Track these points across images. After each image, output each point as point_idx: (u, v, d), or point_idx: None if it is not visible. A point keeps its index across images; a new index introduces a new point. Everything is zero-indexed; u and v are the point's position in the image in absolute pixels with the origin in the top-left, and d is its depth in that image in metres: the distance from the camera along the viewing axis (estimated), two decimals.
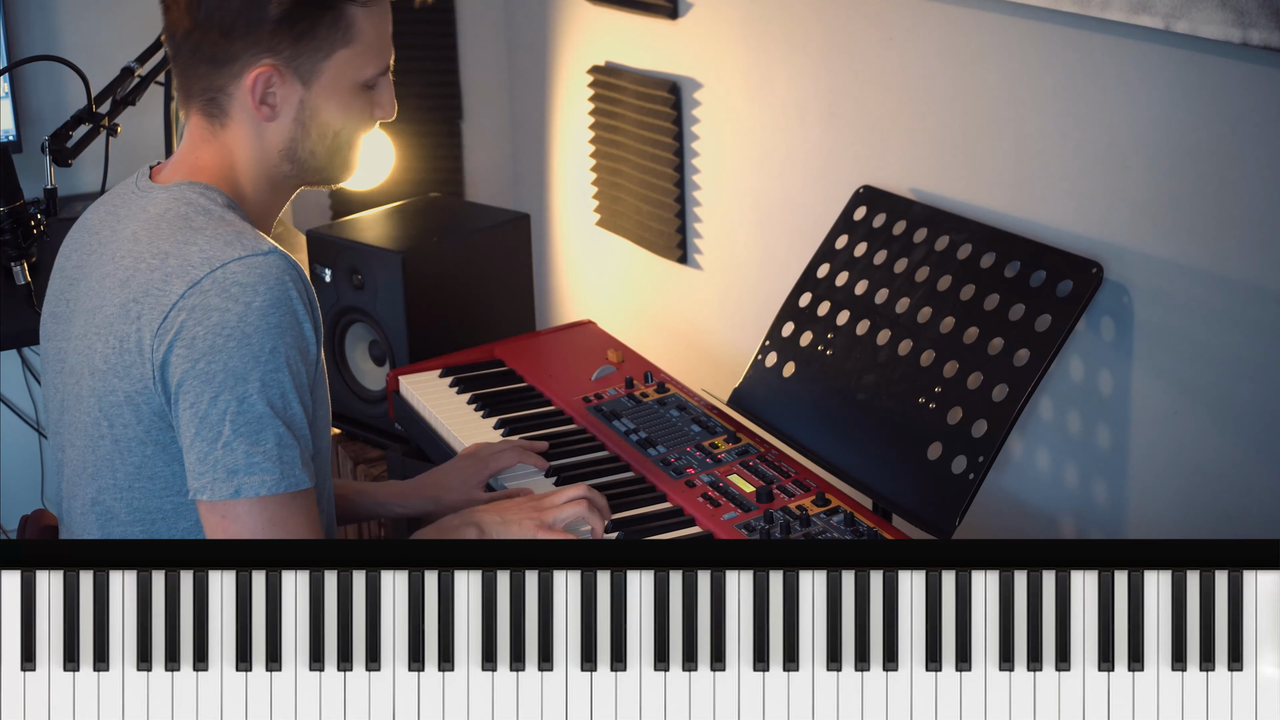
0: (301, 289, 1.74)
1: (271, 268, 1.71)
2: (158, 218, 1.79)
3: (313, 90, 1.84)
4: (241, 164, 1.86)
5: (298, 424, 1.72)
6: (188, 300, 1.69)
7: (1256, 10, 1.79)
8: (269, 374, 1.69)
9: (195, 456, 1.69)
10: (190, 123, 1.88)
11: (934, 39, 2.38)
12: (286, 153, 1.86)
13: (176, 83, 1.88)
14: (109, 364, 1.74)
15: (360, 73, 1.86)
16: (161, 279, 1.72)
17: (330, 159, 1.89)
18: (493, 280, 3.21)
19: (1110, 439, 2.16)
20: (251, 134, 1.85)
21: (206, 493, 1.69)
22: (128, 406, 1.73)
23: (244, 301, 1.69)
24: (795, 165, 2.77)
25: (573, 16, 3.43)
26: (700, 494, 2.13)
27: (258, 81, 1.81)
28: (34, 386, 3.72)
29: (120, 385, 1.73)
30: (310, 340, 1.75)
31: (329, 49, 1.83)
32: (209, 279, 1.69)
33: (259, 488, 1.68)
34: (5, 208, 3.02)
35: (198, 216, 1.77)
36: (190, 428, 1.69)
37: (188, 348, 1.68)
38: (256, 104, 1.82)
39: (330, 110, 1.86)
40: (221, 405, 1.68)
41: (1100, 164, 2.12)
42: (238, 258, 1.71)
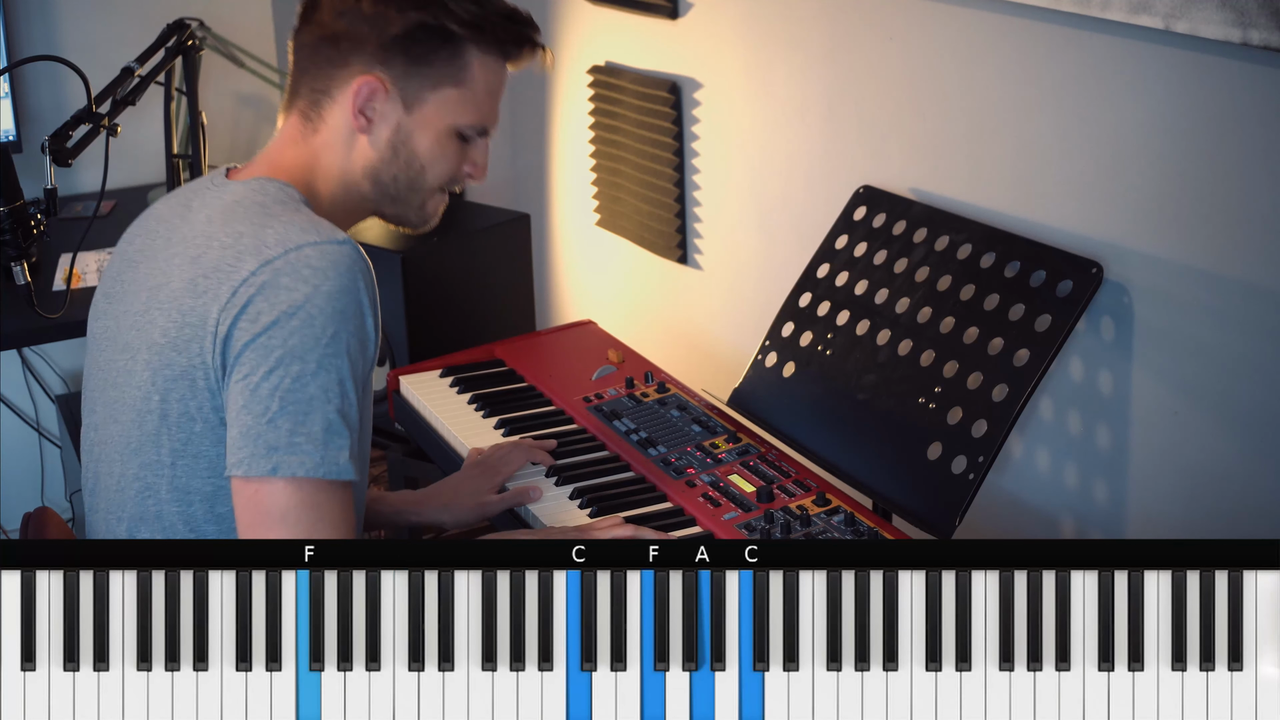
0: (369, 283, 1.75)
1: (344, 257, 1.72)
2: (234, 204, 1.80)
3: (412, 116, 1.87)
4: (323, 172, 1.88)
5: (350, 413, 1.71)
6: (258, 276, 1.70)
7: (1256, 10, 1.79)
8: (327, 358, 1.69)
9: (238, 430, 1.69)
10: (286, 125, 1.91)
11: (934, 39, 2.38)
12: (370, 172, 1.88)
13: (289, 84, 1.92)
14: (168, 337, 1.74)
15: (461, 117, 1.89)
16: (234, 256, 1.73)
17: (410, 194, 1.91)
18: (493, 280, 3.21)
19: (1110, 439, 2.16)
20: (341, 144, 1.87)
21: (243, 468, 1.68)
22: (183, 380, 1.74)
23: (313, 284, 1.69)
24: (795, 165, 2.77)
25: (573, 16, 3.43)
26: (700, 494, 2.13)
27: (362, 89, 1.84)
28: (34, 387, 3.72)
29: (178, 359, 1.74)
30: (370, 335, 1.75)
31: (438, 81, 1.86)
32: (282, 259, 1.70)
33: (297, 468, 1.67)
34: (5, 208, 3.03)
35: (275, 205, 1.79)
36: (239, 399, 1.69)
37: (251, 321, 1.69)
38: (355, 111, 1.84)
39: (423, 143, 1.88)
40: (274, 380, 1.68)
41: (1100, 164, 2.12)
42: (313, 242, 1.72)
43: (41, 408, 3.75)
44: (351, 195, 1.90)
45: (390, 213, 1.94)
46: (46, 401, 3.75)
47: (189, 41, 3.26)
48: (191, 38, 3.26)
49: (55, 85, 3.59)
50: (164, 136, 3.37)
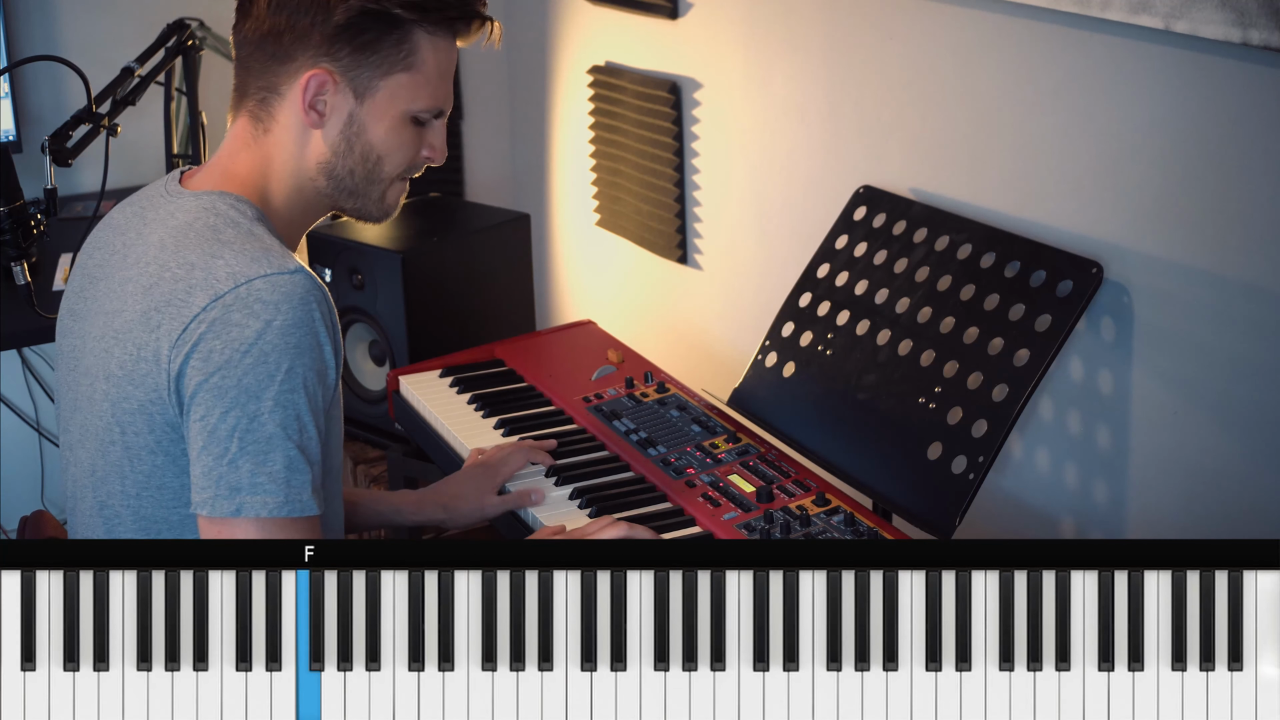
0: (325, 311, 1.72)
1: (296, 287, 1.69)
2: (185, 226, 1.76)
3: (364, 106, 1.82)
4: (277, 173, 1.84)
5: (311, 448, 1.70)
6: (209, 313, 1.67)
7: (1256, 10, 1.79)
8: (283, 394, 1.67)
9: (200, 470, 1.68)
10: (235, 126, 1.86)
11: (934, 39, 2.38)
12: (325, 167, 1.84)
13: (235, 84, 1.87)
14: (125, 370, 1.72)
15: (414, 102, 1.84)
16: (185, 290, 1.70)
17: (368, 186, 1.87)
18: (493, 280, 3.21)
19: (1110, 439, 2.16)
20: (294, 141, 1.83)
21: (207, 508, 1.67)
22: (140, 415, 1.72)
23: (265, 319, 1.66)
24: (795, 165, 2.77)
25: (573, 16, 3.43)
26: (700, 494, 2.13)
27: (310, 83, 1.79)
28: (34, 386, 3.72)
29: (134, 393, 1.72)
30: (330, 364, 1.72)
31: (388, 68, 1.81)
32: (232, 294, 1.67)
33: (260, 508, 1.67)
34: (5, 208, 3.02)
35: (227, 229, 1.75)
36: (198, 440, 1.68)
37: (204, 360, 1.66)
38: (306, 107, 1.80)
39: (377, 132, 1.83)
40: (231, 421, 1.66)
41: (1100, 164, 2.12)
42: (263, 275, 1.68)
43: (41, 408, 3.75)
44: (307, 193, 1.86)
45: (349, 207, 1.89)
46: (46, 401, 3.75)
47: (189, 41, 3.26)
48: (191, 38, 3.26)
49: (55, 85, 3.59)
50: (164, 136, 3.37)
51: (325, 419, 1.74)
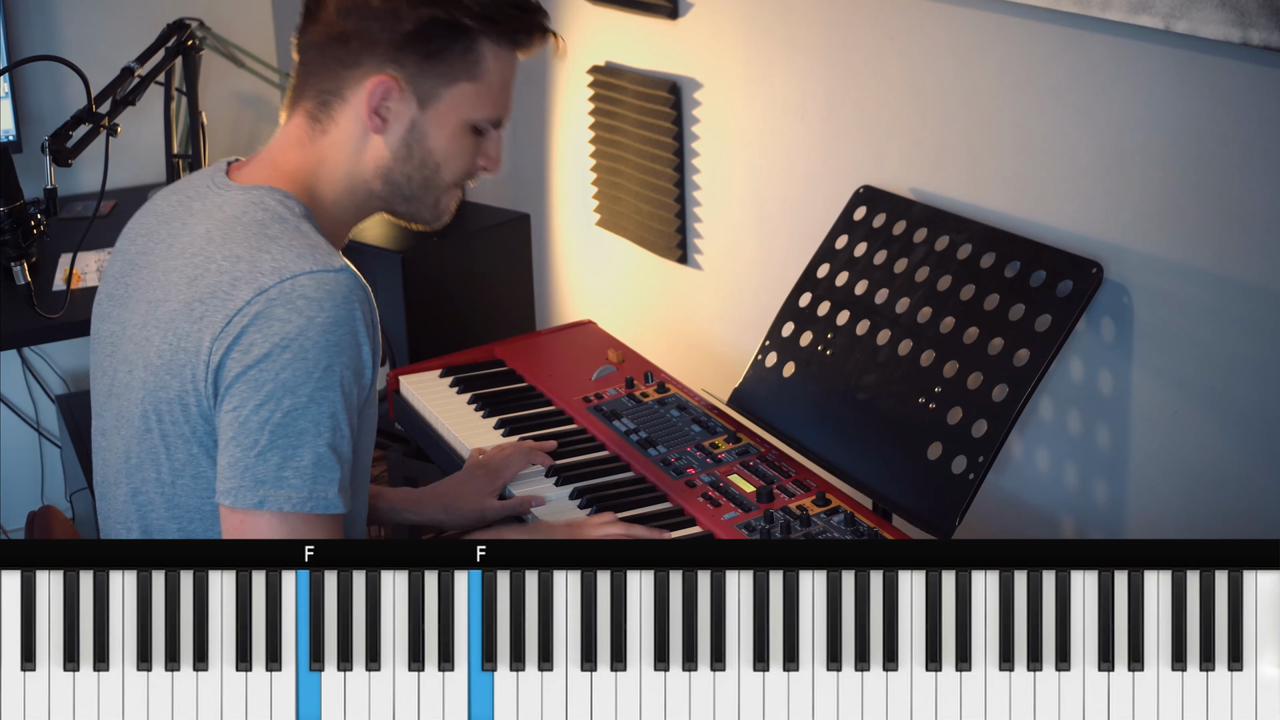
0: (366, 311, 1.72)
1: (340, 286, 1.69)
2: (233, 219, 1.77)
3: (427, 114, 1.83)
4: (329, 173, 1.84)
5: (342, 446, 1.70)
6: (252, 307, 1.67)
7: (1256, 10, 1.79)
8: (319, 391, 1.67)
9: (227, 460, 1.68)
10: (289, 124, 1.87)
11: (934, 39, 2.38)
12: (383, 171, 1.85)
13: (292, 82, 1.88)
14: (164, 359, 1.73)
15: (476, 111, 1.86)
16: (230, 282, 1.70)
17: (423, 192, 1.88)
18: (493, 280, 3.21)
19: (1110, 439, 2.16)
20: (352, 144, 1.83)
21: (230, 498, 1.67)
22: (178, 405, 1.72)
23: (307, 315, 1.67)
24: (795, 165, 2.77)
25: (573, 16, 3.43)
26: (700, 494, 2.13)
27: (377, 89, 1.80)
28: (34, 387, 3.72)
29: (172, 383, 1.72)
30: (367, 364, 1.73)
31: (452, 77, 1.83)
32: (277, 289, 1.67)
33: (283, 503, 1.67)
34: (5, 208, 3.03)
35: (274, 224, 1.75)
36: (229, 430, 1.68)
37: (244, 353, 1.67)
38: (370, 112, 1.81)
39: (438, 139, 1.85)
40: (264, 414, 1.66)
41: (1100, 164, 2.12)
42: (309, 271, 1.69)
43: (41, 408, 3.75)
44: (360, 195, 1.86)
45: (403, 211, 1.91)
46: (46, 401, 3.75)
47: (189, 41, 3.26)
48: (191, 38, 3.26)
49: (55, 85, 3.59)
50: (164, 136, 3.38)
51: (359, 418, 1.75)
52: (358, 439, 1.76)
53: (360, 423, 1.76)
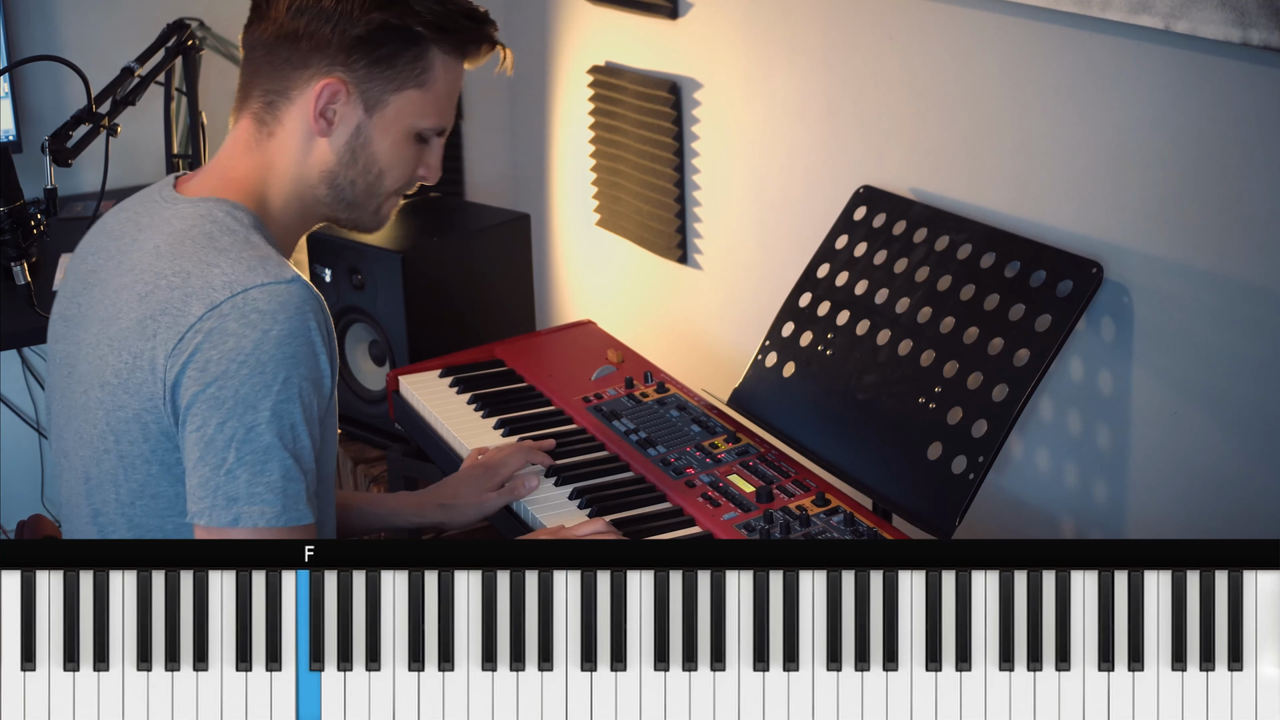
0: (321, 320, 1.72)
1: (293, 297, 1.69)
2: (181, 233, 1.76)
3: (373, 119, 1.83)
4: (277, 179, 1.84)
5: (305, 457, 1.70)
6: (205, 323, 1.67)
7: (1256, 10, 1.79)
8: (280, 404, 1.67)
9: (197, 480, 1.68)
10: (237, 129, 1.87)
11: (934, 39, 2.38)
12: (327, 175, 1.85)
13: (239, 84, 1.87)
14: (120, 379, 1.72)
15: (421, 119, 1.86)
16: (181, 298, 1.70)
17: (366, 198, 1.88)
18: (493, 280, 3.21)
19: (1110, 439, 2.16)
20: (298, 147, 1.83)
21: (205, 518, 1.67)
22: (135, 424, 1.72)
23: (261, 329, 1.66)
24: (795, 165, 2.77)
25: (573, 16, 3.43)
26: (700, 494, 2.13)
27: (324, 91, 1.80)
28: (34, 386, 3.72)
29: (129, 402, 1.72)
30: (325, 373, 1.72)
31: (400, 83, 1.83)
32: (229, 303, 1.67)
33: (258, 519, 1.67)
34: (5, 208, 3.02)
35: (223, 236, 1.75)
36: (195, 451, 1.67)
37: (200, 370, 1.66)
38: (316, 114, 1.81)
39: (382, 145, 1.85)
40: (228, 431, 1.66)
41: (1100, 164, 2.12)
42: (260, 284, 1.68)
43: (41, 408, 3.75)
44: (306, 200, 1.86)
45: (345, 217, 1.90)
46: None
47: (189, 41, 3.26)
48: (191, 38, 3.26)
49: (55, 85, 3.59)
50: (164, 136, 3.37)
51: (320, 427, 1.74)
52: (320, 449, 1.75)
53: (322, 432, 1.76)
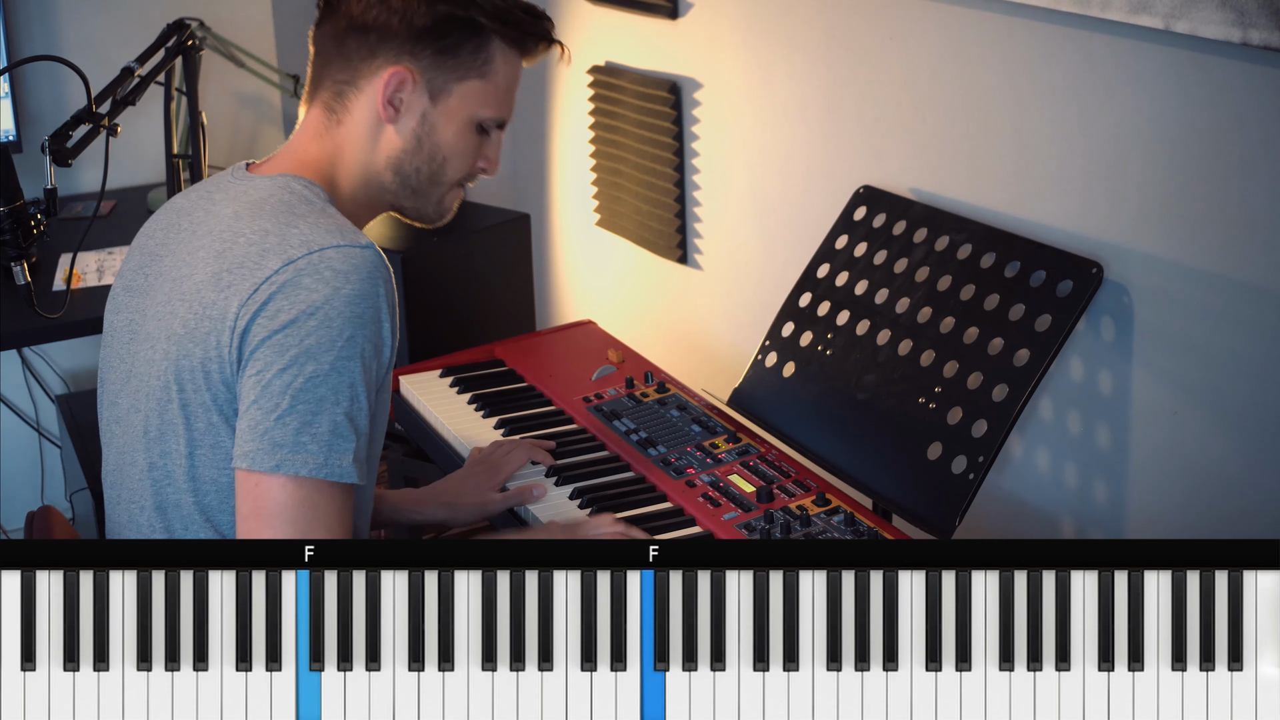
0: (389, 289, 1.76)
1: (366, 262, 1.74)
2: (260, 201, 1.82)
3: (437, 108, 1.90)
4: (346, 165, 1.90)
5: (359, 417, 1.73)
6: (280, 275, 1.72)
7: (1256, 10, 1.79)
8: (341, 360, 1.70)
9: (247, 423, 1.70)
10: (308, 117, 1.93)
11: (934, 39, 2.38)
12: (394, 163, 1.91)
13: (310, 75, 1.94)
14: (188, 328, 1.76)
15: (483, 109, 1.92)
16: (259, 253, 1.74)
17: (430, 187, 1.94)
18: (493, 280, 3.21)
19: (1110, 439, 2.16)
20: (366, 134, 1.89)
21: (247, 461, 1.69)
22: (200, 372, 1.75)
23: (334, 286, 1.71)
24: (795, 165, 2.77)
25: (573, 16, 3.43)
26: (700, 494, 2.13)
27: (391, 80, 1.87)
28: (34, 387, 3.72)
29: (195, 351, 1.75)
30: (387, 341, 1.76)
31: (463, 73, 1.90)
32: (305, 259, 1.72)
33: (300, 467, 1.69)
34: (5, 208, 3.03)
35: (301, 204, 1.81)
36: (250, 394, 1.71)
37: (270, 318, 1.70)
38: (384, 102, 1.88)
39: (446, 134, 1.91)
40: (286, 378, 1.69)
41: (1100, 164, 2.12)
42: (336, 245, 1.73)
43: (41, 408, 3.75)
44: (373, 188, 1.92)
45: (410, 205, 1.96)
46: (46, 401, 3.75)
47: (189, 41, 3.26)
48: (191, 38, 3.26)
49: (55, 85, 3.59)
50: (164, 136, 3.37)
51: (375, 397, 1.78)
52: (373, 417, 1.78)
53: (376, 403, 1.79)
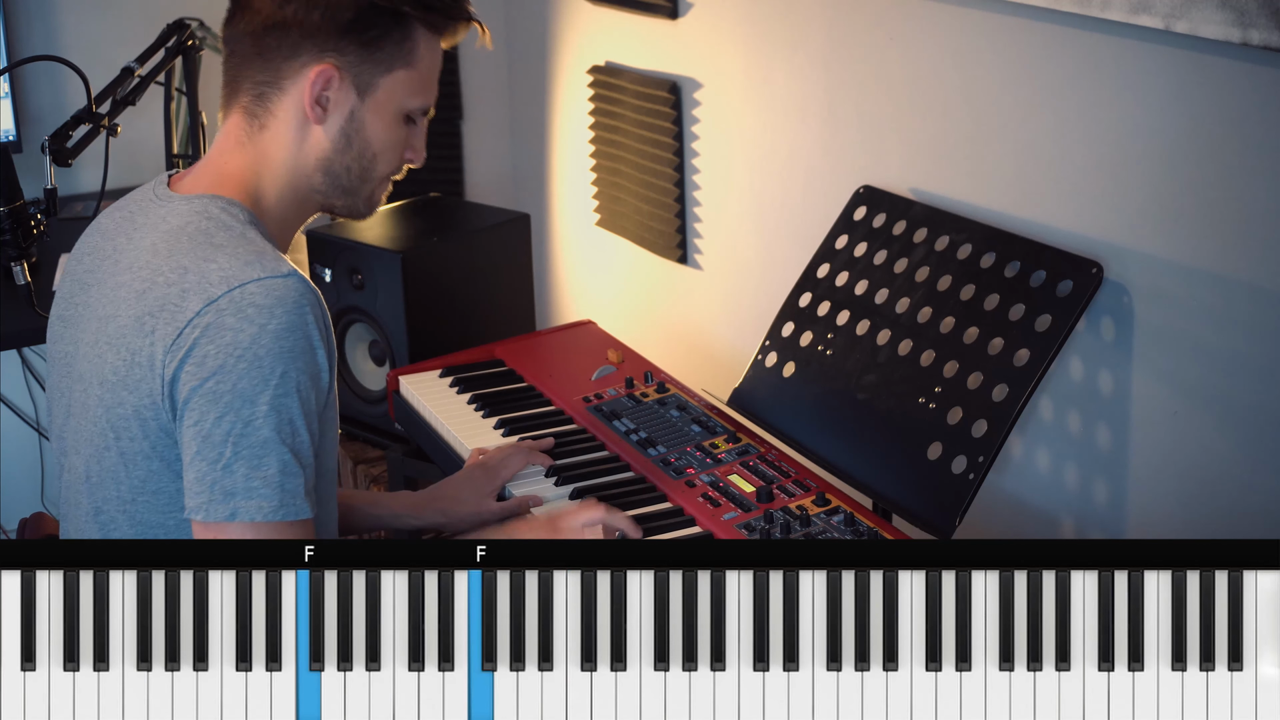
0: (318, 315, 1.72)
1: (290, 291, 1.69)
2: (178, 230, 1.77)
3: (365, 103, 1.85)
4: (272, 172, 1.85)
5: (303, 451, 1.70)
6: (203, 318, 1.67)
7: (1256, 10, 1.79)
8: (278, 398, 1.67)
9: (194, 475, 1.68)
10: (227, 125, 1.87)
11: (934, 39, 2.38)
12: (323, 163, 1.86)
13: (225, 81, 1.88)
14: (118, 376, 1.72)
15: (410, 99, 1.88)
16: (179, 294, 1.70)
17: (360, 183, 1.89)
18: (493, 280, 3.21)
19: (1110, 439, 2.16)
20: (292, 137, 1.84)
21: (202, 513, 1.67)
22: (135, 420, 1.72)
23: (259, 323, 1.66)
24: (795, 165, 2.77)
25: (573, 16, 3.43)
26: (700, 494, 2.13)
27: (318, 78, 1.81)
28: (34, 386, 3.72)
29: (129, 399, 1.72)
30: (323, 367, 1.73)
31: (390, 64, 1.85)
32: (226, 298, 1.67)
33: (255, 513, 1.67)
34: (5, 208, 3.03)
35: (219, 232, 1.75)
36: (192, 445, 1.68)
37: (198, 365, 1.67)
38: (311, 102, 1.82)
39: (375, 129, 1.86)
40: (226, 425, 1.66)
41: (1100, 164, 2.12)
42: (257, 279, 1.68)
43: (41, 408, 3.75)
44: (302, 190, 1.87)
45: (340, 204, 1.91)
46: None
47: (189, 41, 3.26)
48: (191, 38, 3.26)
49: (55, 85, 3.59)
50: (164, 136, 3.37)
51: (319, 422, 1.74)
52: (319, 443, 1.75)
53: (321, 426, 1.76)
